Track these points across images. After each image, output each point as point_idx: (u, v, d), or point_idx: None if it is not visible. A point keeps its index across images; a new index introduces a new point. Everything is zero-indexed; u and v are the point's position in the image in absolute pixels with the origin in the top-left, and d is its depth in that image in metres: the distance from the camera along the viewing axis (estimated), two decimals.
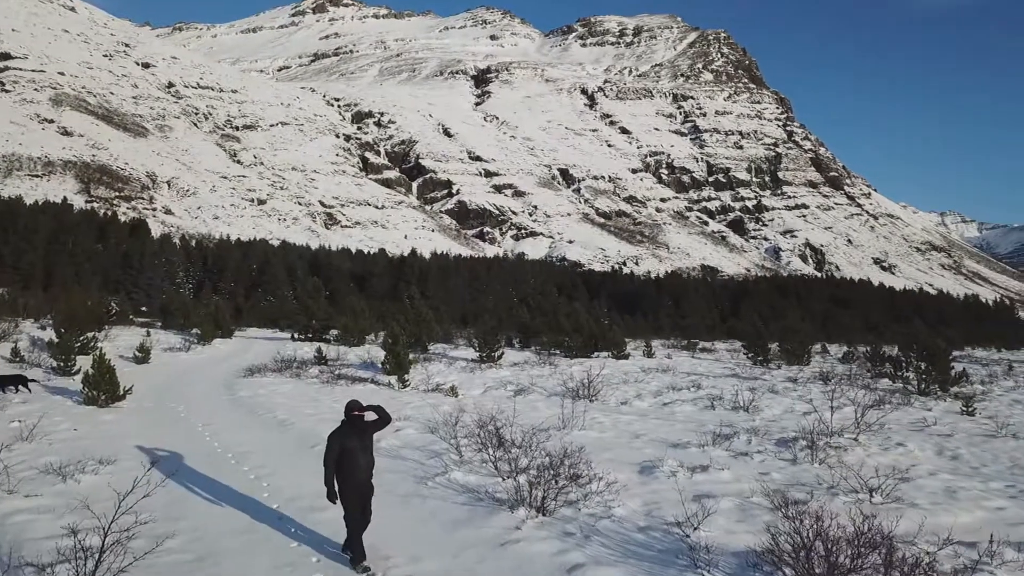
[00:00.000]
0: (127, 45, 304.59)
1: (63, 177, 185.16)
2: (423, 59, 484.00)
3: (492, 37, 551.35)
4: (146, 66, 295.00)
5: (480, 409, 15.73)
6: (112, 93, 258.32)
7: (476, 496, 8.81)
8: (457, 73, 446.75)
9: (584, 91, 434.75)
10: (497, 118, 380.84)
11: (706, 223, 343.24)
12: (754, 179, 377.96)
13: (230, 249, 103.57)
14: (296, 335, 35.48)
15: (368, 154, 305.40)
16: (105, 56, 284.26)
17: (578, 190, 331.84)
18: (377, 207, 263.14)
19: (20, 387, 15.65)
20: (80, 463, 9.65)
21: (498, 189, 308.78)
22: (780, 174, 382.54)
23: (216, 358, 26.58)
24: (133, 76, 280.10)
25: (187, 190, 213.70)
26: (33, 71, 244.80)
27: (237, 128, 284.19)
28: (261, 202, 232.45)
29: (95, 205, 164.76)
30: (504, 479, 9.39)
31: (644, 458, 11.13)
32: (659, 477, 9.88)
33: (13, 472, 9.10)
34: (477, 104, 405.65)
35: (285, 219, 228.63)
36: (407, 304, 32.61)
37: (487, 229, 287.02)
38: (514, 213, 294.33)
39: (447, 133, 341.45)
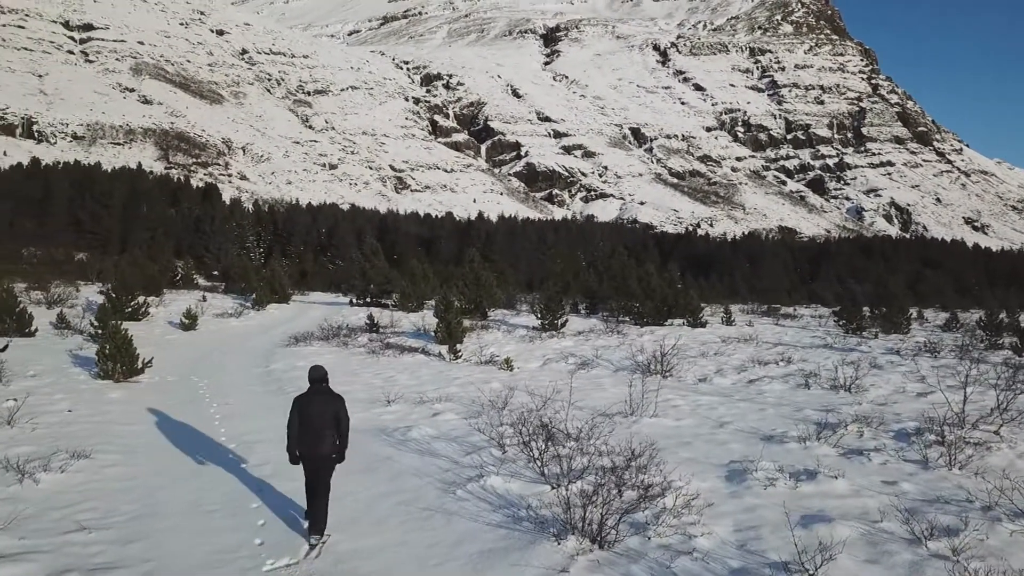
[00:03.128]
0: (202, 13, 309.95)
1: (143, 144, 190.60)
2: (492, 19, 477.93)
3: None
4: (220, 33, 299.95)
5: (535, 387, 13.87)
6: (189, 61, 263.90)
7: (515, 514, 6.88)
8: (526, 32, 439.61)
9: (656, 47, 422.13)
10: (567, 77, 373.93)
11: (784, 183, 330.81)
12: (836, 136, 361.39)
13: (300, 213, 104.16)
14: (354, 300, 34.30)
15: (437, 117, 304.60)
16: (181, 24, 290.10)
17: (650, 150, 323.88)
18: (446, 171, 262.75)
19: None
20: (52, 456, 8.22)
21: (567, 150, 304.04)
22: (864, 130, 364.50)
23: (265, 325, 25.45)
24: (208, 44, 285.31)
25: (261, 156, 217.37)
26: (114, 41, 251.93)
27: (309, 93, 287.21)
28: (332, 167, 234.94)
29: (173, 171, 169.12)
30: (553, 487, 7.45)
31: (731, 457, 9.00)
32: (752, 487, 7.74)
33: None
34: (546, 63, 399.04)
35: (356, 183, 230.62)
36: (467, 268, 30.87)
37: (556, 191, 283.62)
38: (583, 174, 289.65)
39: (516, 94, 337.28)
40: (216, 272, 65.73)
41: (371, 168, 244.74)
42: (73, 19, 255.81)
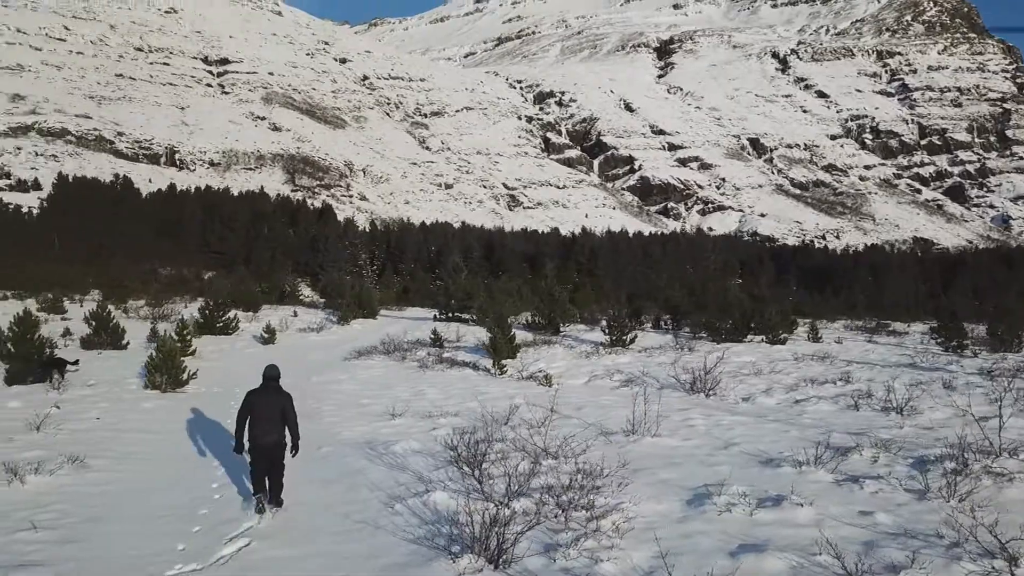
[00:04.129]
0: (326, 43, 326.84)
1: (272, 169, 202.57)
2: (604, 35, 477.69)
3: (675, 6, 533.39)
4: (343, 61, 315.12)
5: (562, 403, 13.76)
6: (314, 89, 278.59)
7: (437, 531, 6.88)
8: (639, 46, 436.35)
9: (775, 55, 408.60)
10: (681, 89, 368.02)
11: (918, 191, 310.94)
12: (976, 140, 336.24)
13: (411, 232, 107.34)
14: (437, 315, 35.05)
15: (550, 134, 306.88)
16: (308, 55, 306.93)
17: (770, 160, 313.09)
18: (558, 187, 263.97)
19: (58, 373, 15.44)
20: (54, 461, 8.94)
21: (682, 163, 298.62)
22: (1009, 133, 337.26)
23: (341, 339, 26.42)
24: (332, 72, 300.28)
25: (380, 177, 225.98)
26: (247, 73, 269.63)
27: (425, 115, 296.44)
28: (448, 186, 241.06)
29: (299, 193, 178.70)
30: (497, 505, 7.40)
31: (709, 480, 8.60)
32: (708, 512, 7.39)
33: None
34: (660, 76, 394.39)
35: (470, 202, 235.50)
36: (541, 284, 30.97)
37: (671, 204, 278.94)
38: (700, 187, 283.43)
39: (629, 108, 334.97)
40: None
41: (485, 187, 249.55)
42: (211, 55, 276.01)
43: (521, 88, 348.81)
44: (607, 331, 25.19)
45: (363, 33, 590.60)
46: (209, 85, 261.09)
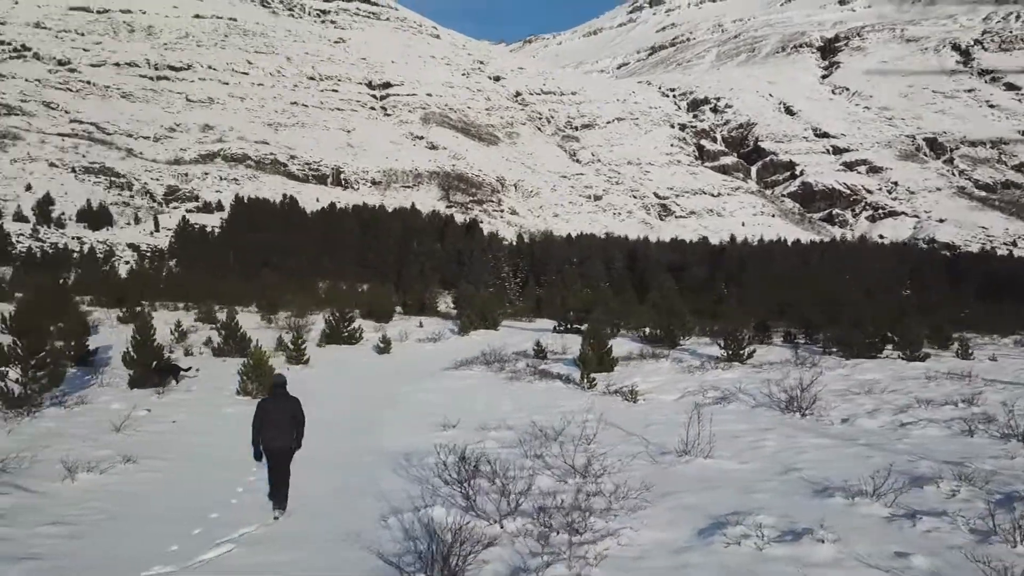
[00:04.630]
0: (481, 63, 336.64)
1: (428, 186, 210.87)
2: (762, 37, 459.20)
3: (841, 2, 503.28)
4: (497, 79, 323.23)
5: (631, 420, 13.25)
6: (469, 107, 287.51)
7: (413, 547, 6.76)
8: (800, 47, 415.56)
9: (956, 47, 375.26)
10: (847, 89, 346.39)
11: None
12: None
13: (555, 244, 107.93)
14: (556, 327, 34.91)
15: (704, 141, 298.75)
16: (463, 75, 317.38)
17: (950, 160, 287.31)
18: (713, 195, 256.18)
19: (172, 378, 16.73)
20: (112, 460, 9.71)
21: (849, 166, 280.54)
22: None
23: (454, 349, 26.86)
24: (486, 90, 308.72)
25: (531, 191, 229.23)
26: (407, 95, 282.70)
27: (576, 128, 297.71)
28: (597, 198, 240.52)
29: (453, 209, 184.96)
30: (490, 523, 7.20)
31: (741, 507, 7.91)
32: (715, 543, 6.76)
33: (36, 465, 9.42)
34: (824, 77, 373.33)
35: (620, 213, 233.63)
36: (657, 296, 30.03)
37: (836, 211, 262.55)
38: (868, 192, 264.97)
39: (789, 111, 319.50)
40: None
41: (635, 197, 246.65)
42: (375, 79, 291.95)
43: (674, 96, 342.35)
44: (723, 345, 24.06)
45: (518, 51, 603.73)
46: (372, 108, 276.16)
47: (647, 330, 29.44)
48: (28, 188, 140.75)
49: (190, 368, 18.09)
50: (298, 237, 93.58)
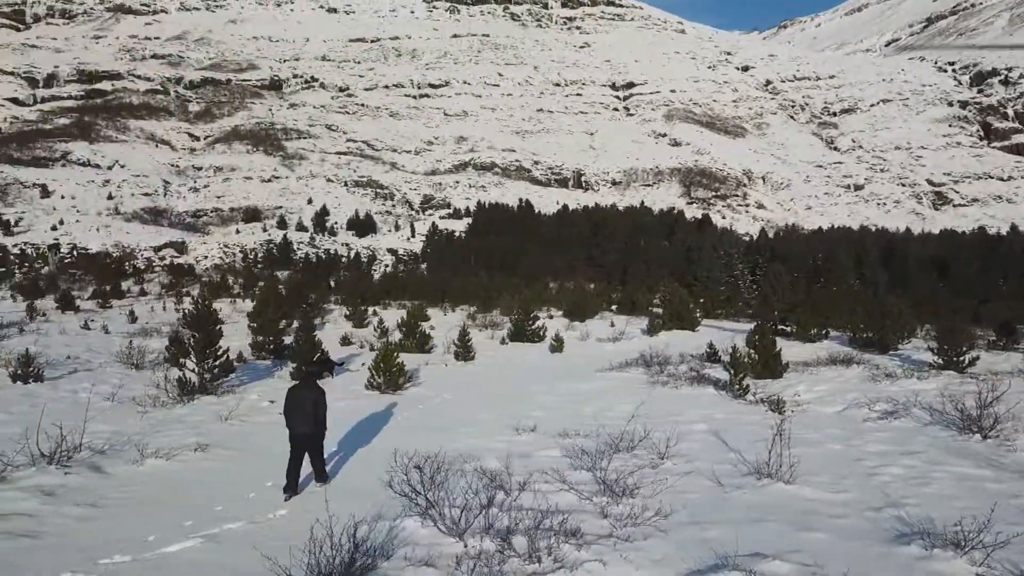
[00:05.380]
0: (728, 54, 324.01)
1: (669, 183, 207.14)
2: None
3: None
4: (745, 69, 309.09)
5: (741, 431, 11.72)
6: (714, 100, 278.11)
7: (352, 560, 6.34)
8: None
9: None
10: None
11: None
12: None
13: (797, 239, 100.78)
14: (757, 326, 32.10)
15: (991, 119, 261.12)
16: (709, 68, 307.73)
17: None
18: (1001, 179, 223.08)
19: (328, 372, 17.83)
20: (189, 447, 10.50)
21: None
22: None
23: (630, 350, 25.57)
24: (733, 81, 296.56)
25: (780, 183, 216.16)
26: (651, 93, 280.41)
27: (834, 114, 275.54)
28: (858, 187, 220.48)
29: (694, 206, 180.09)
30: (456, 540, 6.66)
31: (772, 547, 6.53)
32: None
33: (131, 449, 10.41)
34: None
35: (884, 203, 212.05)
36: (870, 294, 26.40)
37: None
38: None
39: None
40: (701, 300, 68.12)
41: (903, 185, 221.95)
42: (618, 80, 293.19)
43: (953, 70, 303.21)
44: (936, 351, 20.66)
45: (771, 38, 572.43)
46: (616, 109, 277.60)
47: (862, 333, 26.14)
48: (309, 201, 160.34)
49: (343, 362, 19.28)
50: (533, 239, 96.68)
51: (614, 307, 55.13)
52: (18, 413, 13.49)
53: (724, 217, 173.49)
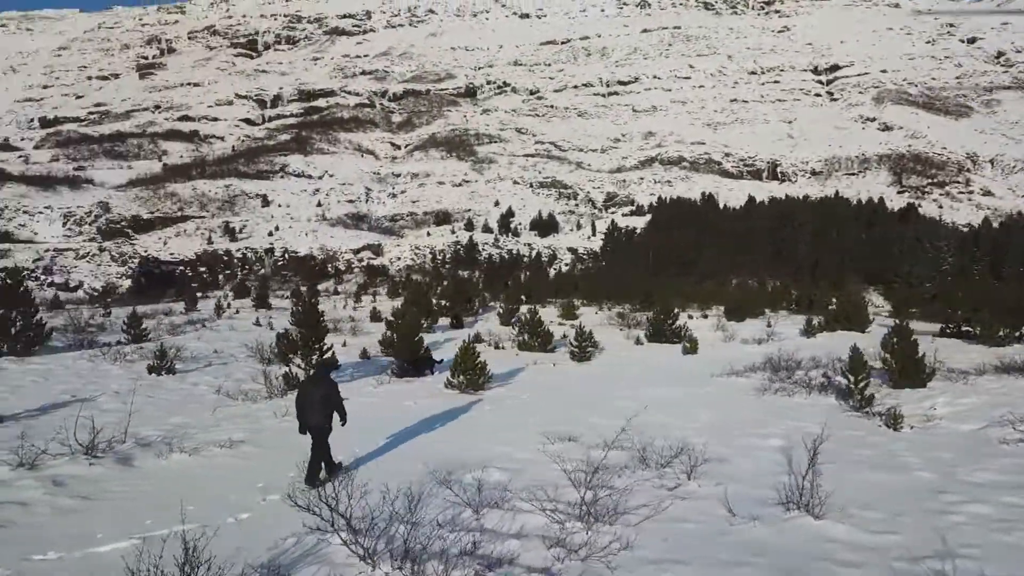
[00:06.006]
0: (951, 25, 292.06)
1: (877, 171, 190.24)
2: None
3: None
4: (971, 41, 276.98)
5: (838, 449, 10.11)
6: (933, 78, 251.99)
7: None
8: None
9: None
10: None
11: None
12: None
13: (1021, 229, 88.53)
14: (945, 327, 28.03)
15: None
16: (927, 43, 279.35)
17: None
18: None
19: (428, 369, 17.83)
20: (219, 443, 10.80)
21: None
22: None
23: (769, 352, 23.10)
24: (956, 55, 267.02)
25: (1012, 166, 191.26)
26: (857, 75, 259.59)
27: None
28: None
29: (906, 195, 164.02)
30: (367, 564, 6.19)
31: None
32: None
33: (167, 443, 10.85)
34: None
35: None
36: None
37: None
38: None
39: None
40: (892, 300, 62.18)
41: None
42: (820, 64, 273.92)
43: None
44: None
45: (1007, 2, 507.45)
46: (818, 95, 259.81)
47: None
48: (496, 203, 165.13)
49: (442, 360, 19.27)
50: (715, 234, 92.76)
51: (793, 306, 51.54)
52: (137, 404, 14.74)
53: (941, 206, 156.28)
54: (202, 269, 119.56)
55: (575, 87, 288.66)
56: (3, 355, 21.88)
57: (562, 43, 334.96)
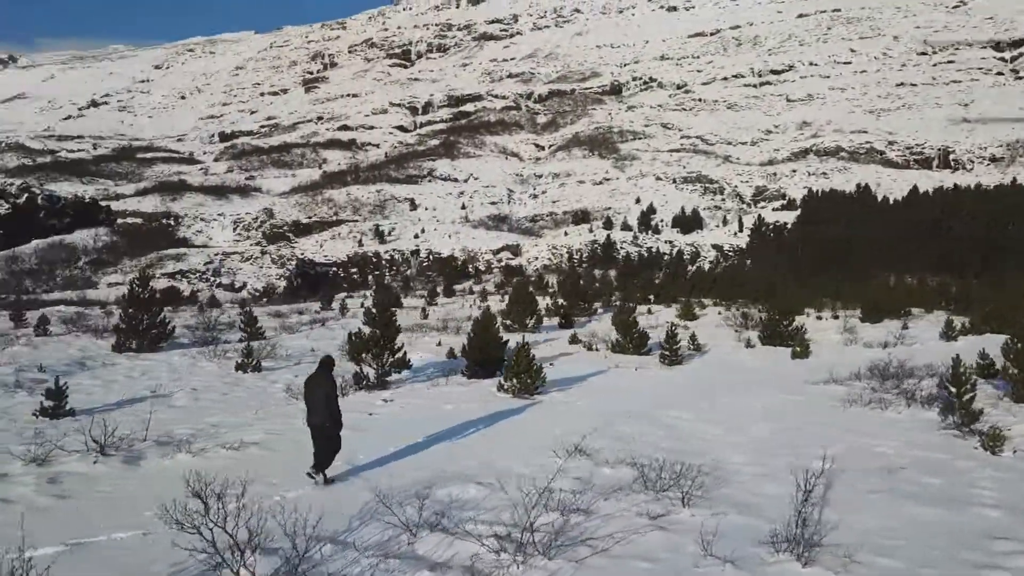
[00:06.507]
0: None
1: None
2: None
3: None
4: None
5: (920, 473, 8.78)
6: None
7: None
8: None
9: None
10: None
11: None
12: None
13: None
14: None
15: None
16: None
17: None
18: None
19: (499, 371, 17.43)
20: (227, 444, 10.81)
21: None
22: None
23: (891, 359, 20.78)
24: None
25: None
26: None
27: None
28: None
29: None
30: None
31: None
32: None
33: (189, 443, 11.03)
34: None
35: None
36: None
37: None
38: None
39: None
40: None
41: None
42: (1003, 39, 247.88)
43: None
44: None
45: None
46: (999, 73, 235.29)
47: None
48: (637, 201, 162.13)
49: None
50: (872, 227, 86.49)
51: (951, 306, 46.85)
52: (206, 402, 15.34)
53: None
54: (353, 270, 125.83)
55: (724, 79, 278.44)
56: (130, 351, 23.58)
57: (711, 34, 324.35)
